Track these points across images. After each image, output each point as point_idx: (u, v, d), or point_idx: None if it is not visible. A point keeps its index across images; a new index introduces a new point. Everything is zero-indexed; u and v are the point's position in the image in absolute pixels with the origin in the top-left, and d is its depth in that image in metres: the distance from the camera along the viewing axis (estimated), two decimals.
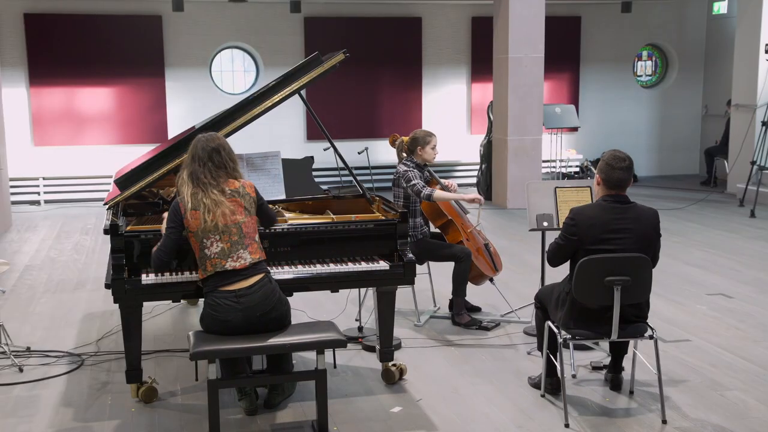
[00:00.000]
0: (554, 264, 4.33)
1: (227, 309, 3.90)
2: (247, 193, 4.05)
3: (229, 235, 3.93)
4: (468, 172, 12.83)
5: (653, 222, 4.11)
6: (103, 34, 11.56)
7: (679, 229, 9.09)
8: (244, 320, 3.90)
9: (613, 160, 4.12)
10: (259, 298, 3.92)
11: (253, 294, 3.92)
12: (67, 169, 11.53)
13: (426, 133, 5.69)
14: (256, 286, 3.94)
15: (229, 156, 4.07)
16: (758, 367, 4.87)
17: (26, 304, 6.30)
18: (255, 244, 4.01)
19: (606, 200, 4.12)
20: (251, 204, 4.05)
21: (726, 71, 12.80)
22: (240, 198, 4.01)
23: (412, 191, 5.51)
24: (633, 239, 4.04)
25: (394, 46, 12.61)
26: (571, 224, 4.10)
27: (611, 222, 4.05)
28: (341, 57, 4.72)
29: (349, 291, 5.93)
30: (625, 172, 4.10)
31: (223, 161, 4.03)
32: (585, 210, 4.14)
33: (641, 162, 13.77)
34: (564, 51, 13.05)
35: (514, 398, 4.44)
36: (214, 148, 4.02)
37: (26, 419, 4.21)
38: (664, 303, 6.18)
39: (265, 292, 3.94)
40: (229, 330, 3.92)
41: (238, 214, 3.96)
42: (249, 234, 4.00)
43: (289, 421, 4.18)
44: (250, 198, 4.05)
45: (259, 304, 3.92)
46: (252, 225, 4.03)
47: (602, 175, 4.14)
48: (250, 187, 4.10)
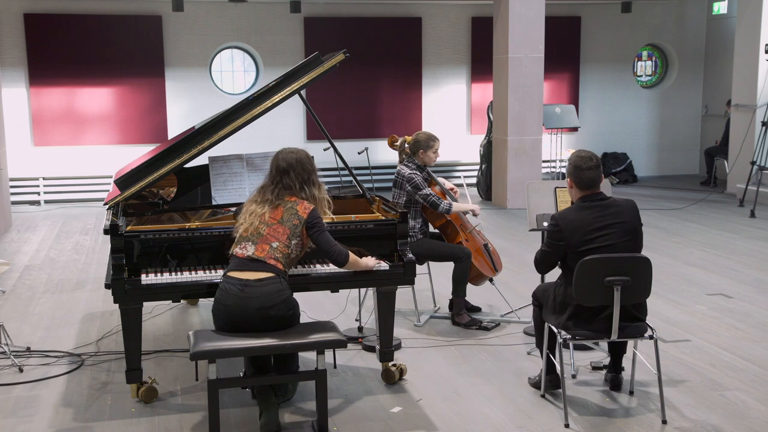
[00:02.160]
0: (542, 271, 4.40)
1: (229, 295, 3.95)
2: (295, 209, 4.07)
3: (251, 229, 4.04)
4: (468, 172, 12.82)
5: (635, 213, 4.17)
6: (103, 34, 11.56)
7: (679, 229, 9.10)
8: (242, 310, 3.92)
9: (580, 161, 4.17)
10: (262, 292, 3.93)
11: (259, 288, 3.93)
12: (67, 169, 11.53)
13: (429, 137, 5.69)
14: (265, 281, 3.96)
15: (297, 176, 4.13)
16: (758, 367, 4.87)
17: (26, 304, 6.30)
18: (267, 246, 4.01)
19: (584, 201, 4.16)
20: (291, 219, 4.05)
21: (726, 71, 12.80)
22: (285, 209, 4.07)
23: (426, 202, 5.52)
24: (619, 233, 4.08)
25: (394, 46, 12.62)
26: (555, 230, 4.12)
27: (594, 221, 4.08)
28: (341, 57, 4.72)
29: (349, 291, 5.93)
30: (594, 170, 4.15)
31: (291, 182, 4.13)
32: (567, 214, 4.16)
33: (641, 162, 13.78)
34: (564, 51, 13.05)
35: (514, 398, 4.44)
36: (284, 169, 4.13)
37: (26, 419, 4.21)
38: (664, 303, 6.18)
39: (270, 289, 3.95)
40: (228, 317, 3.94)
41: (267, 223, 4.05)
42: (267, 238, 4.02)
43: (289, 421, 4.18)
44: (296, 215, 4.06)
45: (260, 297, 3.93)
46: (279, 236, 4.03)
47: (573, 178, 4.20)
48: (305, 209, 4.09)
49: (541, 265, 4.33)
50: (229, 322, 3.96)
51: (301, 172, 4.15)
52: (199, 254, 4.31)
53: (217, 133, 4.55)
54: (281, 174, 4.15)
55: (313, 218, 4.09)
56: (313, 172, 4.21)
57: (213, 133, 4.56)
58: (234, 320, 3.95)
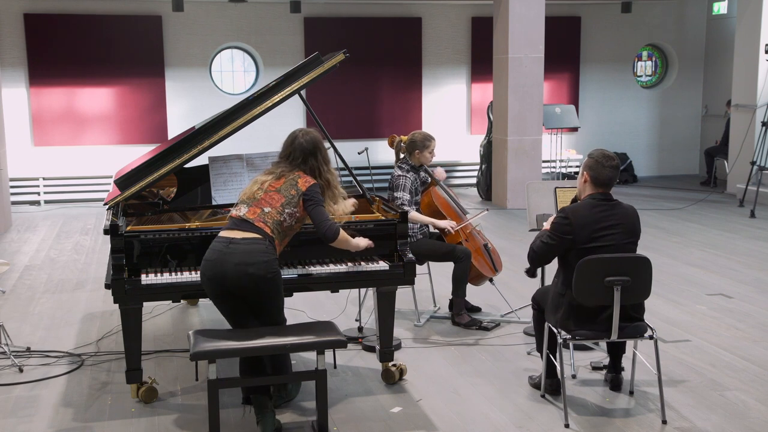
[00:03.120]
0: (536, 265, 4.39)
1: (214, 251, 3.97)
2: (296, 181, 4.08)
3: (249, 192, 4.10)
4: (468, 173, 12.83)
5: (636, 217, 4.21)
6: (103, 34, 11.56)
7: (679, 229, 9.10)
8: (221, 264, 3.90)
9: (603, 158, 4.16)
10: (244, 249, 3.92)
11: (243, 245, 3.94)
12: (67, 169, 11.53)
13: (425, 137, 5.69)
14: (250, 240, 3.95)
15: (324, 157, 4.19)
16: (758, 367, 4.87)
17: (26, 305, 6.30)
18: (258, 210, 4.02)
19: (595, 198, 4.16)
20: (289, 190, 4.05)
21: (726, 71, 12.80)
22: (286, 179, 4.08)
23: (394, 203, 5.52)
24: (621, 234, 4.10)
25: (394, 46, 12.61)
26: (565, 223, 4.11)
27: (601, 219, 4.09)
28: (341, 57, 4.72)
29: (349, 291, 5.93)
30: (614, 170, 4.16)
31: (318, 165, 4.16)
32: (578, 209, 4.16)
33: (641, 162, 13.78)
34: (564, 51, 13.05)
35: (514, 398, 4.44)
36: (311, 150, 4.15)
37: (26, 419, 4.21)
38: (664, 303, 6.18)
39: (253, 248, 3.93)
40: (209, 271, 3.93)
41: (268, 188, 4.06)
42: (260, 202, 4.04)
43: (289, 421, 4.18)
44: (294, 186, 4.06)
45: (241, 254, 3.91)
46: (273, 202, 4.04)
47: (591, 172, 4.17)
48: (306, 182, 4.09)
49: (537, 259, 4.29)
50: (212, 278, 3.94)
51: (326, 155, 4.21)
52: (199, 254, 4.29)
53: (217, 133, 4.55)
54: (306, 155, 4.15)
55: (312, 192, 4.08)
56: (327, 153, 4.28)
57: (213, 133, 4.56)
58: (214, 275, 3.93)
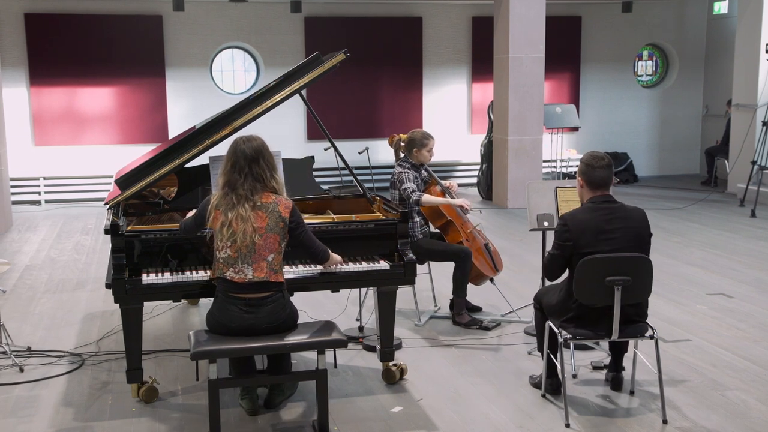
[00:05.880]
0: (552, 277, 4.31)
1: (234, 316, 3.90)
2: (278, 211, 3.93)
3: (239, 247, 3.89)
4: (468, 172, 12.83)
5: (644, 221, 4.15)
6: (103, 34, 11.56)
7: (679, 229, 9.09)
8: (249, 330, 3.90)
9: (592, 160, 4.15)
10: (268, 311, 3.91)
11: (264, 306, 3.91)
12: (67, 169, 11.53)
13: (424, 135, 5.68)
14: (270, 299, 3.92)
15: (267, 164, 3.98)
16: (758, 367, 4.87)
17: (27, 304, 6.30)
18: (264, 263, 3.90)
19: (594, 202, 4.14)
20: (277, 223, 3.92)
21: (726, 71, 12.79)
22: (267, 214, 3.91)
23: (404, 194, 5.52)
24: (625, 238, 4.06)
25: (394, 46, 12.61)
26: (564, 230, 4.10)
27: (602, 223, 4.07)
28: (341, 57, 4.72)
29: (350, 291, 5.93)
30: (606, 169, 4.14)
31: (261, 171, 3.95)
32: (576, 214, 4.15)
33: (641, 162, 13.78)
34: (564, 51, 13.04)
35: (514, 398, 4.44)
36: (254, 157, 3.96)
37: (26, 419, 4.21)
38: (664, 303, 6.18)
39: (275, 307, 3.92)
40: (231, 333, 3.92)
41: (257, 232, 3.88)
42: (260, 252, 3.89)
43: (290, 420, 4.18)
44: (279, 217, 3.93)
45: (267, 316, 3.91)
46: (270, 244, 3.91)
47: (584, 177, 4.18)
48: (286, 208, 3.96)
49: (550, 271, 4.25)
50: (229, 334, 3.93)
51: (269, 158, 4.02)
52: (199, 254, 4.31)
53: (217, 132, 4.55)
54: (250, 163, 3.94)
55: (296, 216, 4.00)
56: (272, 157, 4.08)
57: (213, 132, 4.55)
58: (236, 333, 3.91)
